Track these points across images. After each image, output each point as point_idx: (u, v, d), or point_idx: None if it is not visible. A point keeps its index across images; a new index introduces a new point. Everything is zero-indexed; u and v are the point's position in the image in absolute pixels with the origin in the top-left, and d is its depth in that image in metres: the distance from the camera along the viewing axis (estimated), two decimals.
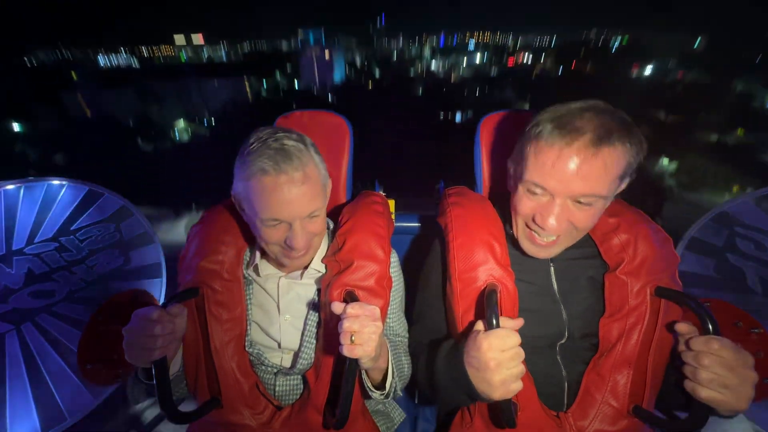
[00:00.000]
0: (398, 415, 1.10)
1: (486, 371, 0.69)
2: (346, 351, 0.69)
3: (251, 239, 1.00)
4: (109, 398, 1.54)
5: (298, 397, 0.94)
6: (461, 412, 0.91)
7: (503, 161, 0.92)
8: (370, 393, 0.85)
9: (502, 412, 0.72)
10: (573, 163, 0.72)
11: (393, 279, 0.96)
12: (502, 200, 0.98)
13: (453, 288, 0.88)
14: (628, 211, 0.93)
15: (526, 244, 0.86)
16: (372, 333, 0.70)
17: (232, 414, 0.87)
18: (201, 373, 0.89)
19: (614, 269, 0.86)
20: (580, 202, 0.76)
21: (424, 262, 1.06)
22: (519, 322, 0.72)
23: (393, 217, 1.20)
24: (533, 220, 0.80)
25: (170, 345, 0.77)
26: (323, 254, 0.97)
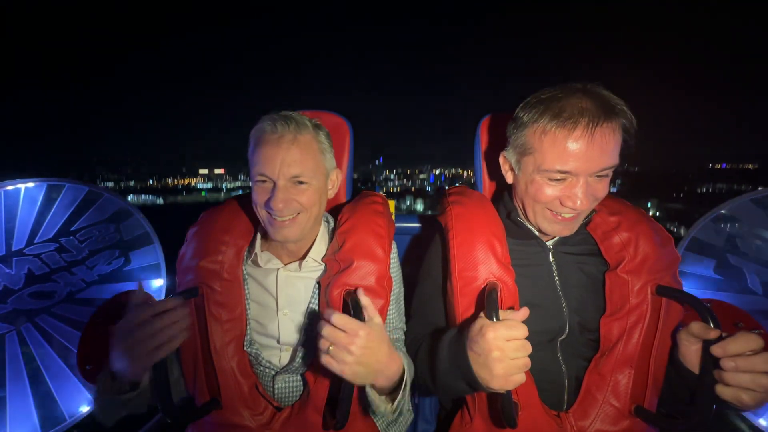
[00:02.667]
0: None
1: (488, 359, 0.68)
2: (323, 360, 0.69)
3: (252, 236, 1.00)
4: None
5: (297, 398, 0.94)
6: (461, 412, 0.90)
7: None
8: (374, 406, 0.78)
9: (503, 412, 0.72)
10: (593, 141, 0.75)
11: (392, 277, 0.96)
12: (501, 192, 0.99)
13: (453, 286, 0.88)
14: (629, 210, 0.93)
15: (548, 226, 0.87)
16: (345, 357, 0.69)
17: (232, 415, 0.87)
18: (200, 373, 0.88)
19: (615, 268, 0.86)
20: (598, 176, 0.79)
21: (424, 258, 1.06)
22: (524, 312, 0.72)
23: (393, 217, 1.20)
24: (560, 203, 0.82)
25: (176, 339, 0.73)
26: (322, 247, 0.98)
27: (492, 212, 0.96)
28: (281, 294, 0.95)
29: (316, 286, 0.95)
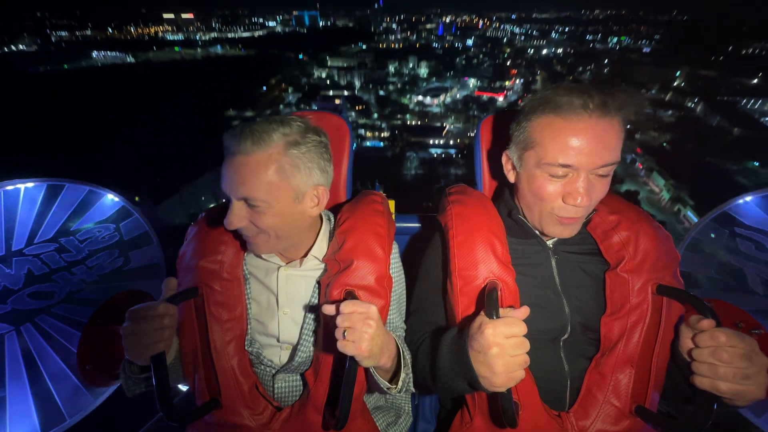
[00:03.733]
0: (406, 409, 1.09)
1: (487, 356, 0.67)
2: (339, 346, 0.70)
3: None
4: (108, 398, 1.53)
5: (297, 397, 0.94)
6: (461, 411, 0.90)
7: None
8: (385, 389, 0.83)
9: (503, 411, 0.72)
10: (594, 135, 0.74)
11: (393, 277, 0.96)
12: (502, 191, 0.99)
13: (453, 285, 0.88)
14: (628, 209, 0.93)
15: (551, 228, 0.86)
16: (364, 332, 0.69)
17: (232, 415, 0.87)
18: (200, 373, 0.88)
19: (615, 267, 0.86)
20: (599, 175, 0.78)
21: (424, 256, 1.06)
22: (524, 311, 0.71)
23: (393, 217, 1.20)
24: (563, 201, 0.81)
25: (171, 338, 0.79)
26: (324, 246, 0.97)
27: (492, 211, 0.96)
28: (282, 293, 0.95)
29: (317, 285, 0.95)
